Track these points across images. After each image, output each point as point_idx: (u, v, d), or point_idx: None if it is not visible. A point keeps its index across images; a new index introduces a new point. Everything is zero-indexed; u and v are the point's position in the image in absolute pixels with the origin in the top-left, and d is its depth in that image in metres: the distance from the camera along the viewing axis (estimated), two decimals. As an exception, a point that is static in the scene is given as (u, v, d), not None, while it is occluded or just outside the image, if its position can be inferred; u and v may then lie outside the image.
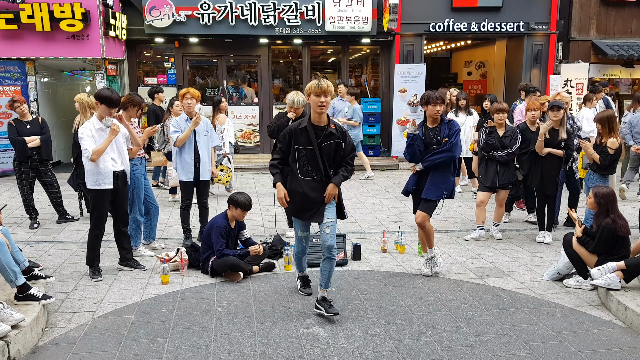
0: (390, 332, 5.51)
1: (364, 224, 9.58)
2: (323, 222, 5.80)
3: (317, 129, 5.69)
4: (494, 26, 16.45)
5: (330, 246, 5.76)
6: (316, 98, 5.54)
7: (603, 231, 6.38)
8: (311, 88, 5.56)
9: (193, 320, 5.78)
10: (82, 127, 6.74)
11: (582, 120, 11.43)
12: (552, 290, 6.66)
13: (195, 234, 8.55)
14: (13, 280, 5.53)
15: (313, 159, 5.72)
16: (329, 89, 5.54)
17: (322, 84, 5.51)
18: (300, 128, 5.72)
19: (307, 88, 5.62)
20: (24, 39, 14.06)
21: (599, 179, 8.15)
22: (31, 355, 5.06)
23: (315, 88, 5.52)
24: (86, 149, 6.60)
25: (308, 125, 5.68)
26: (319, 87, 5.50)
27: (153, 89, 12.79)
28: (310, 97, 5.60)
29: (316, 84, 5.53)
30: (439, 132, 6.81)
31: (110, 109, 6.73)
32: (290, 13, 15.66)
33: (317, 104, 5.56)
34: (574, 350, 5.16)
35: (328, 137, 5.71)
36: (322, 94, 5.52)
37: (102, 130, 6.74)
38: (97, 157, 6.62)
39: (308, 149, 5.70)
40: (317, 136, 5.69)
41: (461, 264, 7.58)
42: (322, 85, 5.50)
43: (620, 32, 17.57)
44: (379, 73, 17.90)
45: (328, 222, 5.80)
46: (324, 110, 5.62)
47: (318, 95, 5.52)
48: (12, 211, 10.56)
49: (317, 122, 5.69)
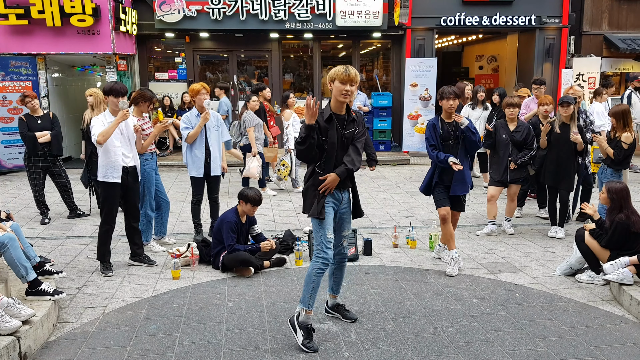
0: (402, 328, 5.49)
1: (375, 219, 9.55)
2: (341, 235, 5.46)
3: (339, 119, 5.19)
4: (505, 20, 16.35)
5: (345, 256, 5.56)
6: (341, 85, 5.04)
7: (617, 227, 6.33)
8: (337, 74, 5.05)
9: (204, 316, 5.77)
10: (94, 118, 6.76)
11: (593, 114, 11.37)
12: (564, 285, 6.61)
13: (206, 229, 8.55)
14: (24, 276, 5.55)
15: (333, 151, 5.17)
16: (356, 77, 5.06)
17: (350, 71, 5.03)
18: (325, 119, 5.15)
19: (332, 73, 5.11)
20: (34, 34, 14.11)
21: (613, 174, 8.09)
22: (42, 351, 5.07)
23: (342, 74, 5.02)
24: (94, 134, 6.59)
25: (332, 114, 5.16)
26: (346, 73, 5.01)
27: (257, 87, 12.45)
28: (334, 84, 5.09)
29: (344, 70, 5.03)
30: (456, 126, 6.85)
31: (118, 98, 6.72)
32: (301, 7, 15.64)
33: (340, 92, 5.05)
34: (586, 345, 5.12)
35: (349, 125, 5.23)
36: (349, 82, 5.03)
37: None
38: (103, 140, 6.58)
39: (331, 142, 5.16)
40: (341, 126, 5.19)
41: (473, 259, 7.54)
42: (350, 72, 5.02)
43: (632, 26, 17.44)
44: (389, 67, 17.86)
45: (346, 235, 5.51)
46: (347, 99, 5.13)
47: (344, 82, 5.03)
48: (23, 207, 10.60)
49: (337, 111, 5.20)
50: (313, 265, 5.12)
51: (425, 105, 16.04)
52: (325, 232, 5.11)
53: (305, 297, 5.15)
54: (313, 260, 5.16)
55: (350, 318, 5.61)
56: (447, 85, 7.16)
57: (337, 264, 5.53)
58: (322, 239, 5.11)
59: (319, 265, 5.09)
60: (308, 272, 5.15)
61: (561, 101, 8.29)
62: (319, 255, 5.10)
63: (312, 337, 5.15)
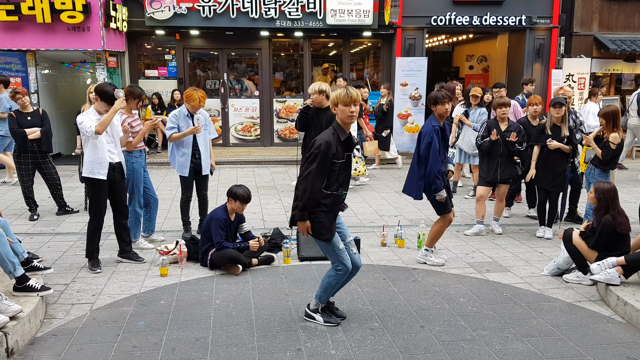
0: (389, 326, 5.50)
1: (363, 218, 9.57)
2: (347, 242, 5.44)
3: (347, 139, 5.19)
4: (495, 20, 16.41)
5: (360, 265, 5.52)
6: (345, 108, 5.01)
7: (603, 227, 6.37)
8: (339, 98, 5.02)
9: (191, 313, 5.77)
10: (80, 115, 6.74)
11: (588, 114, 11.44)
12: (551, 285, 6.65)
13: (195, 227, 8.54)
14: (12, 272, 5.53)
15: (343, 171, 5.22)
16: (358, 97, 5.04)
17: (352, 92, 5.00)
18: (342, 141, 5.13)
19: (334, 98, 5.07)
20: (24, 30, 14.05)
21: (600, 174, 8.13)
22: (29, 347, 5.06)
23: (344, 98, 4.99)
24: (90, 126, 6.56)
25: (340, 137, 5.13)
26: (348, 95, 4.99)
27: (355, 85, 12.37)
28: (338, 107, 5.05)
29: (345, 93, 5.00)
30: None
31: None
32: (292, 6, 15.63)
33: (346, 115, 5.03)
34: (572, 345, 5.16)
35: (352, 146, 5.30)
36: (352, 104, 5.01)
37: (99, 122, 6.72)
38: (102, 130, 6.58)
39: (341, 163, 5.15)
40: (347, 149, 5.22)
41: (461, 258, 7.57)
42: (352, 94, 4.99)
43: (622, 27, 17.52)
44: (380, 67, 17.87)
45: (352, 240, 5.52)
46: (354, 120, 5.12)
47: (347, 104, 5.00)
48: (11, 203, 10.56)
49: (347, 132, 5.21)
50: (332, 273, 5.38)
51: (415, 104, 16.07)
52: (338, 244, 5.27)
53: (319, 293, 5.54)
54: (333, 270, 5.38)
55: (338, 316, 5.62)
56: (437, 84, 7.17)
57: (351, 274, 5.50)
58: (336, 252, 5.27)
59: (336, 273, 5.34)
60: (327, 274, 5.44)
61: (553, 102, 8.31)
62: (338, 267, 5.31)
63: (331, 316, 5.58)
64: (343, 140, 5.11)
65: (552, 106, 8.30)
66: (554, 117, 8.29)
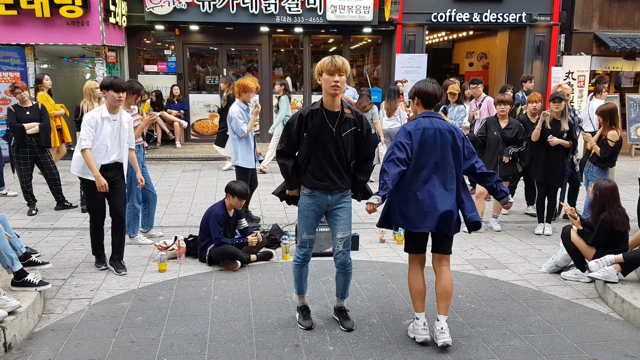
0: (387, 322, 5.51)
1: (362, 214, 9.56)
2: (337, 237, 5.15)
3: (331, 116, 4.89)
4: (496, 17, 16.39)
5: (345, 263, 5.22)
6: (329, 77, 4.72)
7: (601, 225, 6.37)
8: (323, 66, 4.76)
9: (190, 308, 5.77)
10: (87, 114, 6.60)
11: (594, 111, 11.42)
12: (549, 282, 6.65)
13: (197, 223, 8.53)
14: (10, 266, 5.53)
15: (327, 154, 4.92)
16: (344, 66, 4.72)
17: (337, 60, 4.71)
18: (312, 110, 4.89)
19: (319, 66, 4.81)
20: (23, 24, 14.00)
21: (599, 172, 8.14)
22: (27, 341, 5.06)
23: (328, 65, 4.72)
24: (83, 139, 6.40)
25: (321, 109, 4.88)
26: (332, 63, 4.70)
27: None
28: (322, 77, 4.78)
29: (329, 60, 4.72)
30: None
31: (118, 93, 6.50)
32: (292, 1, 15.60)
33: (330, 84, 4.72)
34: (570, 342, 5.16)
35: (344, 124, 4.92)
36: (337, 72, 4.71)
37: (108, 120, 6.55)
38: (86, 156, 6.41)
39: (322, 142, 4.88)
40: (332, 124, 4.88)
41: (459, 255, 7.57)
42: (337, 62, 4.70)
43: (623, 25, 17.49)
44: (380, 63, 17.85)
45: (343, 237, 5.15)
46: (338, 92, 4.77)
47: (331, 73, 4.71)
48: (10, 198, 10.54)
49: (330, 107, 4.89)
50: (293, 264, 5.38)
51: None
52: (302, 232, 5.23)
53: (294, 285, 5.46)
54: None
55: (345, 327, 5.34)
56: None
57: (337, 269, 5.29)
58: (298, 239, 5.29)
59: (295, 263, 5.34)
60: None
61: (552, 97, 8.32)
62: (296, 253, 5.34)
63: (307, 316, 5.43)
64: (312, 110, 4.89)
65: (551, 101, 8.31)
66: (553, 112, 8.29)
